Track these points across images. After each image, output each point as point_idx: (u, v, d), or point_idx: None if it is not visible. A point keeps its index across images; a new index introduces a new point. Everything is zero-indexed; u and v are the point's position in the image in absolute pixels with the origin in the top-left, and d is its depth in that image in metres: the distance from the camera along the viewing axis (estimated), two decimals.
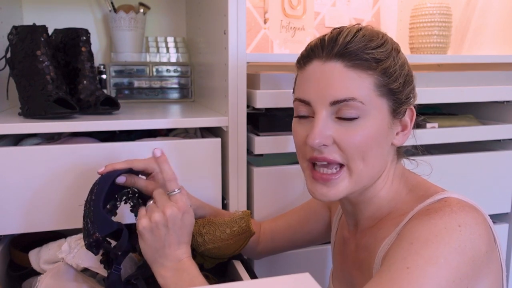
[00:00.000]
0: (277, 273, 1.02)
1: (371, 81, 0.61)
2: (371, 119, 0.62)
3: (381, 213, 0.69)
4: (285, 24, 1.38)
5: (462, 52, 1.50)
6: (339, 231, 0.82)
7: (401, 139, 0.67)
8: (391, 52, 0.64)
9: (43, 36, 0.90)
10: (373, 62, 0.61)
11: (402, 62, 0.65)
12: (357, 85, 0.61)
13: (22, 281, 0.91)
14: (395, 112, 0.64)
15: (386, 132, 0.64)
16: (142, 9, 1.29)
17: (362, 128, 0.62)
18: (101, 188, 0.70)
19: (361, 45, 0.62)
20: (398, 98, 0.64)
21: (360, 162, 0.63)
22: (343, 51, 0.61)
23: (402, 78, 0.64)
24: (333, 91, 0.61)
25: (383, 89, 0.62)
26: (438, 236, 0.55)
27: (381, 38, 0.64)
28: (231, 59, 0.90)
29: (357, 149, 0.62)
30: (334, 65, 0.62)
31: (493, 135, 1.16)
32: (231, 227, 0.83)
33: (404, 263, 0.54)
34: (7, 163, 0.80)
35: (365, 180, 0.65)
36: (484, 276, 0.58)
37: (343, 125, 0.62)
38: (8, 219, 0.82)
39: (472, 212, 0.58)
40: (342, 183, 0.64)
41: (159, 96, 1.30)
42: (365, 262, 0.69)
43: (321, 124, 0.62)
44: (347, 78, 0.61)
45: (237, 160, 0.94)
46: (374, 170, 0.65)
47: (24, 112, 0.89)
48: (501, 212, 1.20)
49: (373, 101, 0.62)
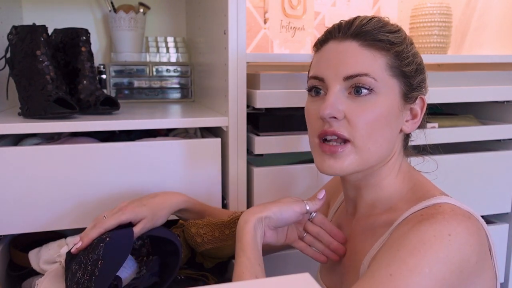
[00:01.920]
0: (277, 273, 1.02)
1: (384, 61, 0.64)
2: (382, 96, 0.63)
3: (380, 204, 0.69)
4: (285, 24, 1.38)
5: (462, 52, 1.50)
6: (334, 221, 0.82)
7: (410, 127, 0.68)
8: (405, 39, 0.67)
9: (43, 36, 0.90)
10: (387, 43, 0.64)
11: (415, 52, 0.68)
12: (370, 62, 0.63)
13: (22, 281, 0.90)
14: (406, 96, 0.66)
15: (396, 114, 0.65)
16: (142, 9, 1.29)
17: (373, 105, 0.63)
18: (113, 264, 0.64)
19: (376, 27, 0.65)
20: (410, 82, 0.66)
21: (367, 140, 0.64)
22: (359, 31, 0.64)
23: (414, 65, 0.66)
24: (347, 66, 0.64)
25: (396, 70, 0.64)
26: (426, 244, 0.54)
27: (395, 26, 0.67)
28: (231, 59, 0.89)
29: (367, 125, 0.63)
30: (349, 44, 0.65)
31: (493, 135, 1.16)
32: (230, 228, 0.83)
33: (387, 270, 0.54)
34: (7, 163, 0.80)
35: (372, 159, 0.66)
36: (473, 286, 0.57)
37: (355, 101, 0.63)
38: (8, 219, 0.82)
39: (465, 222, 0.57)
40: (348, 158, 0.64)
41: (159, 96, 1.30)
42: (356, 253, 0.69)
43: (333, 97, 0.64)
44: (362, 55, 0.64)
45: (237, 160, 0.94)
46: (381, 150, 0.66)
47: (24, 112, 0.89)
48: (501, 212, 1.20)
49: (385, 79, 0.64)
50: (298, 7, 1.39)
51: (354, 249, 0.71)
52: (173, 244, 0.75)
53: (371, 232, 0.68)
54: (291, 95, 0.96)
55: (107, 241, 0.66)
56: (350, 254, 0.72)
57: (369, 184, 0.70)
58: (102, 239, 0.67)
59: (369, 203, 0.71)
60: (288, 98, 0.96)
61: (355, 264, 0.69)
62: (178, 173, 0.89)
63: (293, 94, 0.96)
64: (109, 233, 0.69)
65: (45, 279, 0.75)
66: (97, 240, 0.68)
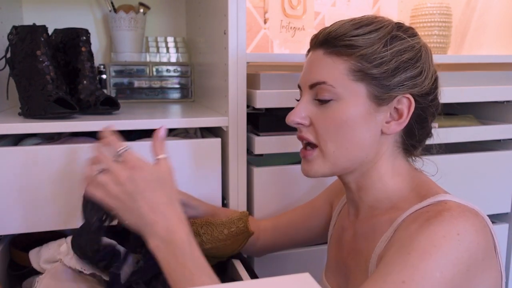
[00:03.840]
0: (277, 273, 1.02)
1: (346, 66, 0.64)
2: (344, 103, 0.64)
3: (380, 205, 0.69)
4: (285, 24, 1.38)
5: (462, 52, 1.50)
6: (338, 223, 0.82)
7: (393, 128, 0.65)
8: (381, 39, 0.64)
9: (43, 36, 0.90)
10: (349, 48, 0.64)
11: (400, 50, 0.64)
12: (329, 70, 0.65)
13: (22, 281, 0.91)
14: (378, 98, 0.64)
15: (364, 117, 0.64)
16: (142, 9, 1.29)
17: (334, 111, 0.65)
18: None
19: (341, 33, 0.65)
20: (382, 84, 0.64)
21: (331, 144, 0.66)
22: (324, 39, 0.67)
23: (392, 64, 0.63)
24: (311, 75, 0.68)
25: (359, 74, 0.64)
26: (436, 247, 0.55)
27: (374, 25, 0.65)
28: (231, 59, 0.90)
29: (328, 131, 0.66)
30: (317, 53, 0.68)
31: (493, 135, 1.16)
32: (229, 228, 0.83)
33: (400, 276, 0.54)
34: (7, 163, 0.80)
35: (342, 163, 0.67)
36: (479, 284, 0.58)
37: (320, 108, 0.67)
38: (8, 219, 0.82)
39: (473, 219, 0.58)
40: (316, 162, 0.68)
41: (159, 96, 1.30)
42: (361, 252, 0.70)
43: (301, 105, 0.68)
44: (323, 63, 0.66)
45: (237, 160, 0.94)
46: (350, 154, 0.66)
47: (24, 112, 0.89)
48: (501, 212, 1.20)
49: (347, 85, 0.64)
50: (298, 7, 1.39)
51: (359, 249, 0.71)
52: None
53: (374, 232, 0.68)
54: (291, 95, 0.96)
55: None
56: (355, 255, 0.72)
57: (364, 187, 0.70)
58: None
59: (369, 205, 0.71)
60: (288, 98, 0.96)
61: (360, 264, 0.70)
62: (178, 173, 0.89)
63: (293, 94, 0.96)
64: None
65: (45, 277, 0.75)
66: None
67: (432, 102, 0.68)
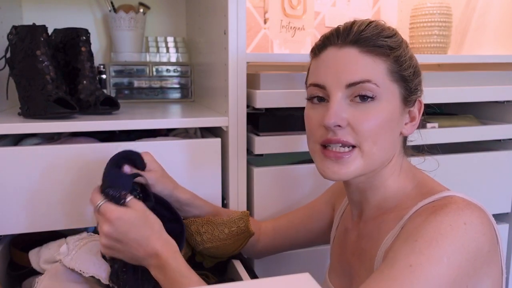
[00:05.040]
0: (277, 273, 1.02)
1: (385, 66, 0.64)
2: (384, 102, 0.64)
3: (386, 204, 0.70)
4: (285, 24, 1.38)
5: (462, 52, 1.50)
6: (341, 225, 0.82)
7: (409, 129, 0.69)
8: (402, 43, 0.67)
9: (43, 36, 0.90)
10: (386, 49, 0.64)
11: (411, 55, 0.69)
12: (372, 69, 0.64)
13: (22, 281, 0.91)
14: (406, 100, 0.67)
15: (397, 118, 0.66)
16: (142, 9, 1.29)
17: (376, 111, 0.64)
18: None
19: (374, 33, 0.65)
20: (409, 86, 0.67)
21: (372, 144, 0.64)
22: (358, 38, 0.64)
23: (412, 68, 0.67)
24: (349, 74, 0.64)
25: (396, 75, 0.65)
26: (443, 235, 0.55)
27: (392, 30, 0.68)
28: (231, 59, 0.89)
29: (371, 131, 0.64)
30: (349, 51, 0.65)
31: (493, 135, 1.16)
32: (230, 227, 0.83)
33: (407, 261, 0.55)
34: (7, 163, 0.80)
35: (376, 163, 0.67)
36: (485, 276, 0.58)
37: (358, 108, 0.64)
38: (8, 219, 0.82)
39: (478, 211, 0.59)
40: (354, 162, 0.65)
41: (159, 96, 1.30)
42: (366, 252, 0.70)
43: (337, 105, 0.64)
44: (363, 62, 0.64)
45: (237, 160, 0.94)
46: (384, 154, 0.67)
47: (24, 112, 0.89)
48: (501, 212, 1.20)
49: (387, 85, 0.65)
50: (298, 7, 1.39)
51: (363, 249, 0.71)
52: (175, 223, 0.77)
53: (379, 231, 0.68)
54: (291, 95, 0.96)
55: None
56: (359, 254, 0.72)
57: (373, 186, 0.70)
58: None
59: (375, 205, 0.71)
60: (288, 98, 0.96)
61: (365, 263, 0.70)
62: (178, 173, 0.89)
63: (293, 94, 0.96)
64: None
65: (45, 277, 0.75)
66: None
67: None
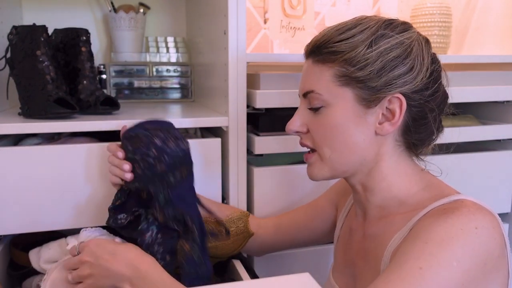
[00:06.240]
0: (277, 273, 1.02)
1: (331, 72, 0.66)
2: (333, 108, 0.66)
3: (389, 205, 0.69)
4: (285, 24, 1.38)
5: (462, 52, 1.50)
6: (345, 225, 0.82)
7: (387, 128, 0.65)
8: (364, 41, 0.63)
9: (43, 36, 0.90)
10: (331, 55, 0.65)
11: (386, 48, 0.63)
12: (316, 78, 0.67)
13: (22, 281, 0.91)
14: (366, 100, 0.64)
15: (354, 120, 0.65)
16: (142, 9, 1.29)
17: (324, 117, 0.67)
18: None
19: (325, 40, 0.67)
20: (369, 86, 0.63)
21: (327, 149, 0.68)
22: (312, 49, 0.69)
23: (377, 65, 0.63)
24: (302, 85, 0.71)
25: (344, 79, 0.65)
26: (454, 238, 0.55)
27: (358, 27, 0.65)
28: (231, 59, 0.90)
29: (322, 137, 0.68)
30: (307, 62, 0.71)
31: (493, 135, 1.16)
32: (229, 227, 0.83)
33: (417, 263, 0.54)
34: (7, 163, 0.80)
35: (340, 166, 0.69)
36: (493, 281, 0.58)
37: (314, 116, 0.69)
38: (8, 219, 0.82)
39: (489, 216, 0.58)
40: (316, 165, 0.71)
41: (159, 96, 1.30)
42: (371, 252, 0.70)
43: (298, 114, 0.72)
44: (311, 72, 0.69)
45: (237, 160, 0.94)
46: (347, 157, 0.68)
47: (24, 112, 0.89)
48: (501, 212, 1.20)
49: (333, 91, 0.66)
50: (298, 7, 1.39)
51: (368, 249, 0.71)
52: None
53: (385, 232, 0.67)
54: (291, 95, 0.96)
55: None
56: (364, 254, 0.72)
57: (369, 188, 0.70)
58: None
59: (377, 205, 0.71)
60: (288, 98, 0.96)
61: (369, 263, 0.70)
62: None
63: (293, 94, 0.96)
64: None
65: (55, 269, 0.76)
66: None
67: (431, 97, 0.67)
